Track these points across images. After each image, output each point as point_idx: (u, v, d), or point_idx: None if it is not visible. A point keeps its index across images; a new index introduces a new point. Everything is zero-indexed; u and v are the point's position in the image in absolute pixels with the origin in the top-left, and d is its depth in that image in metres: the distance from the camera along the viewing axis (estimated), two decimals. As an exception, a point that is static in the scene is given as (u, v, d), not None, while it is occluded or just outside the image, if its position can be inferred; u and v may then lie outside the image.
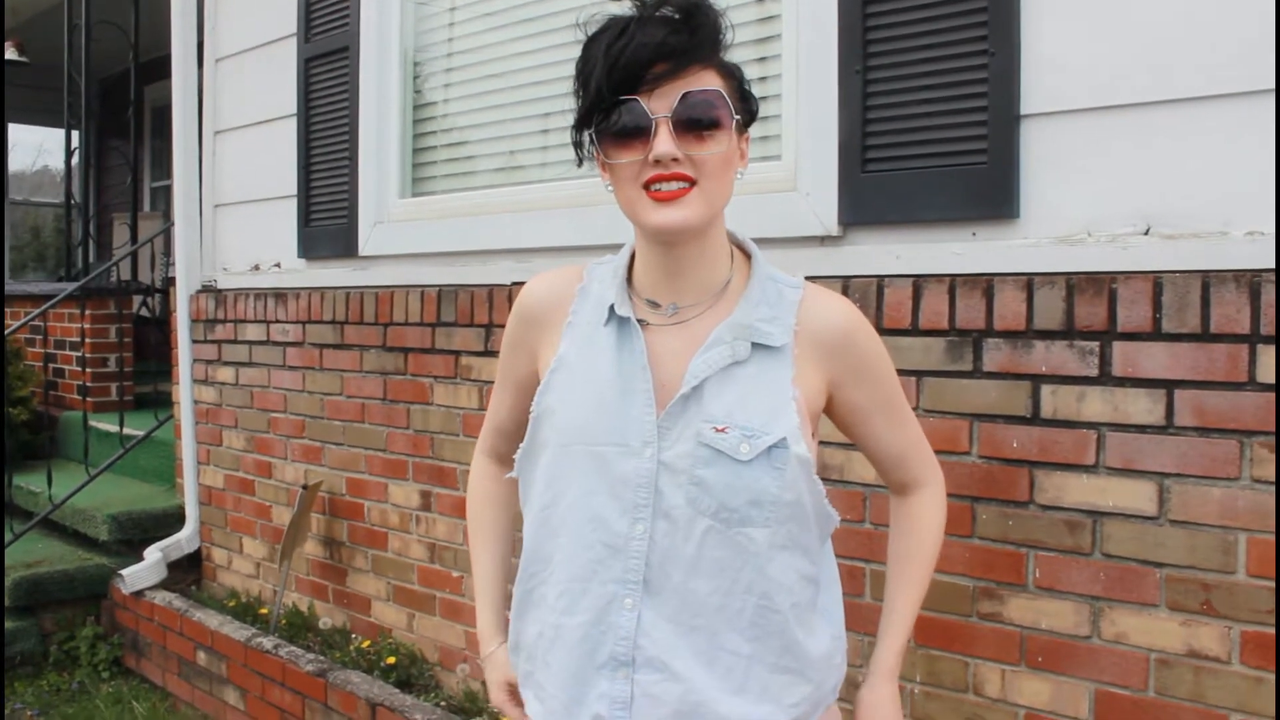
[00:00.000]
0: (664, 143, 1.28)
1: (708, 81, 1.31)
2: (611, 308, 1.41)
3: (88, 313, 5.92)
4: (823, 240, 2.58)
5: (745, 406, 1.35)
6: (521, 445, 1.49)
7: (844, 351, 1.42)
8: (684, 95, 1.28)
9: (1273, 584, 1.95)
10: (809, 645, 1.41)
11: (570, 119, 1.39)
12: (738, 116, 1.34)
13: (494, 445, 1.71)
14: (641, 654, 1.36)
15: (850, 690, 1.57)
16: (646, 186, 1.31)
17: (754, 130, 1.45)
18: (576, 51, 1.36)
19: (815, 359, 1.40)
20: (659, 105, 1.28)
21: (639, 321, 1.40)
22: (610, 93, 1.28)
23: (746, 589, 1.36)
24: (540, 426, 1.44)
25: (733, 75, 1.36)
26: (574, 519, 1.40)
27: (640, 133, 1.29)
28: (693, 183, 1.30)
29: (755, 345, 1.37)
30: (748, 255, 1.46)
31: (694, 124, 1.29)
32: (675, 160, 1.29)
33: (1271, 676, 1.96)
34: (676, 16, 1.29)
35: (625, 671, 1.37)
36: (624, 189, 1.34)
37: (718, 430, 1.33)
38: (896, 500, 1.59)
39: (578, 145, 1.39)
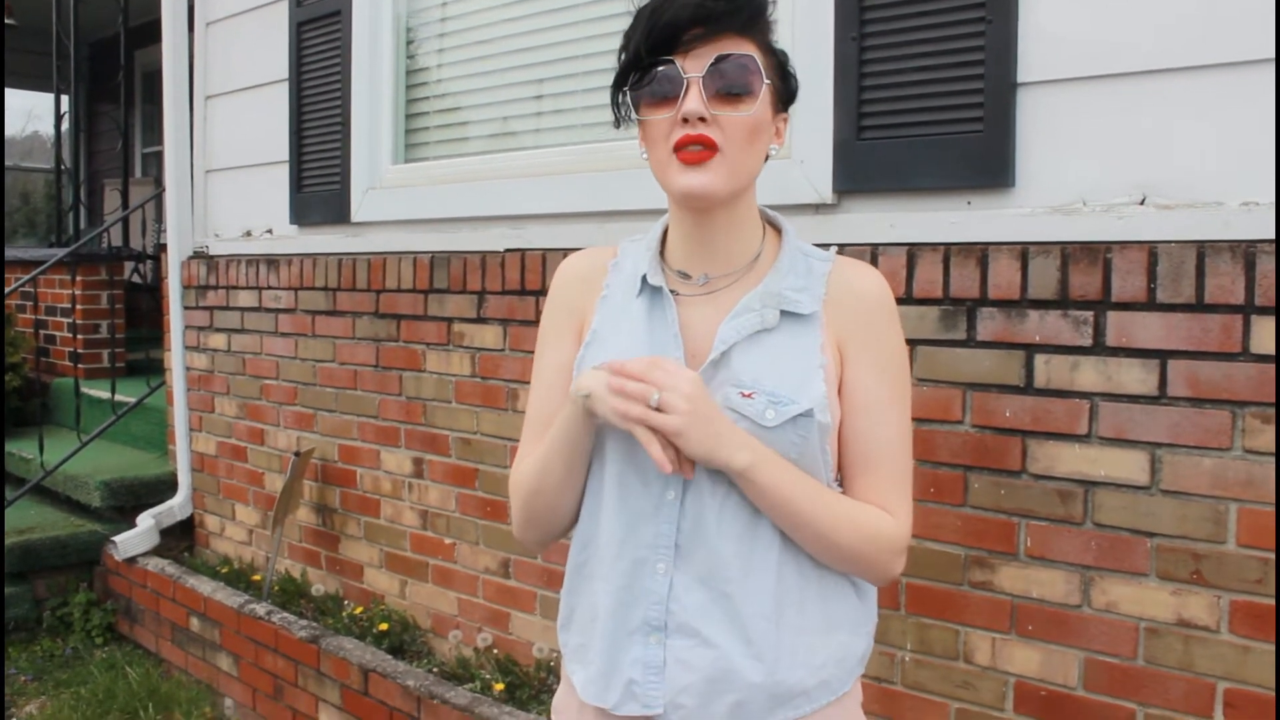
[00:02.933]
0: (692, 100, 1.30)
1: (742, 49, 1.33)
2: (644, 278, 1.43)
3: (79, 279, 5.89)
4: (817, 208, 2.56)
5: (773, 373, 1.35)
6: None
7: (857, 312, 1.40)
8: (717, 58, 1.31)
9: (1262, 554, 1.96)
10: (836, 609, 1.42)
11: (567, 87, 1.39)
12: (768, 81, 1.35)
13: None
14: (674, 619, 1.37)
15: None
16: (676, 149, 1.32)
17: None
18: (573, 15, 1.37)
19: (836, 324, 1.40)
20: (692, 66, 1.31)
21: (671, 292, 1.42)
22: (647, 53, 1.32)
23: (766, 549, 1.36)
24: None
25: (774, 53, 1.38)
26: (611, 487, 1.41)
27: (672, 92, 1.31)
28: (716, 149, 1.32)
29: (784, 314, 1.38)
30: (779, 231, 1.47)
31: (725, 87, 1.31)
32: (702, 120, 1.30)
33: (1260, 645, 1.97)
34: None
35: (658, 637, 1.38)
36: (655, 151, 1.36)
37: (744, 395, 1.34)
38: None
39: (616, 105, 1.41)
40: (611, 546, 1.41)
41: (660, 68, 1.31)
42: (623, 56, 1.37)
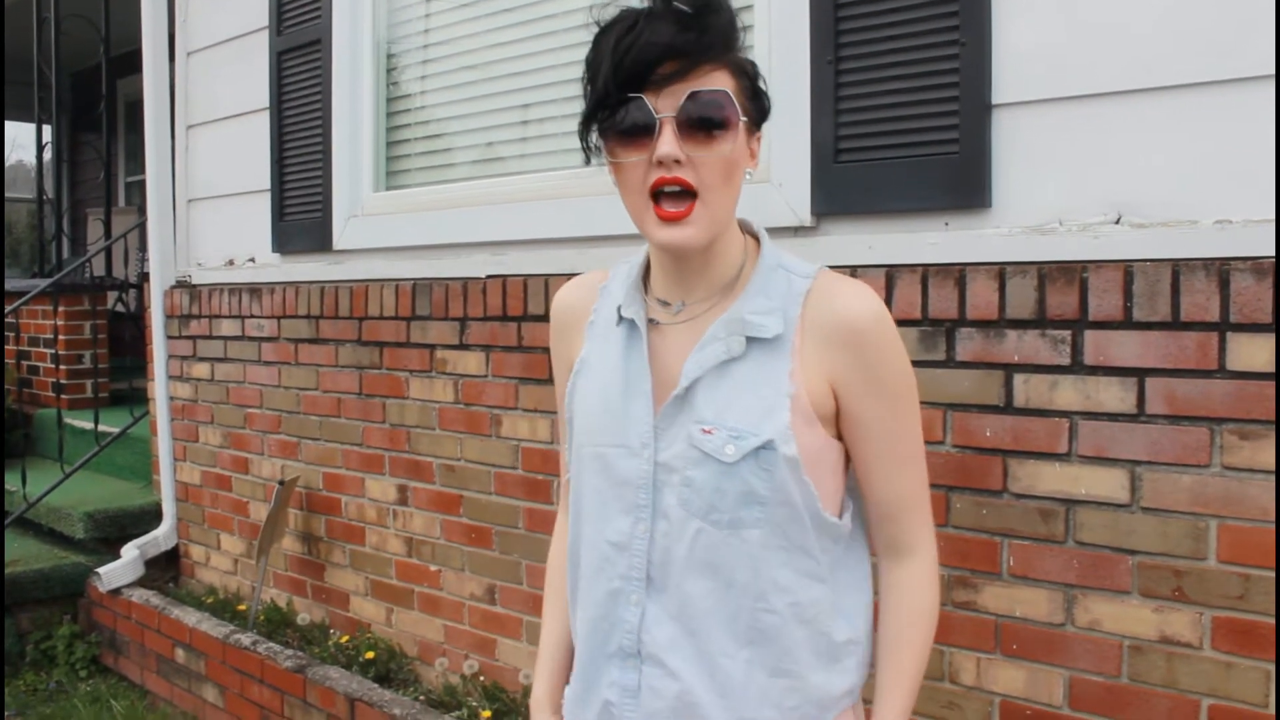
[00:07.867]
0: (667, 143, 1.24)
1: (717, 81, 1.26)
2: (620, 308, 1.41)
3: (61, 309, 5.87)
4: (796, 231, 2.58)
5: (735, 406, 1.31)
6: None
7: (849, 346, 1.32)
8: (690, 95, 1.24)
9: (1243, 570, 1.97)
10: (814, 647, 1.38)
11: (548, 112, 1.37)
12: (744, 119, 1.30)
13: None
14: (645, 648, 1.37)
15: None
16: (654, 196, 1.28)
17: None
18: (555, 41, 1.34)
19: (818, 353, 1.32)
20: (664, 104, 1.24)
21: (650, 321, 1.40)
22: (616, 90, 1.24)
23: (741, 591, 1.33)
24: (572, 430, 1.46)
25: (745, 73, 1.32)
26: (588, 519, 1.42)
27: (645, 132, 1.25)
28: (695, 194, 1.27)
29: (751, 340, 1.32)
30: (759, 241, 1.42)
31: (700, 124, 1.25)
32: (678, 162, 1.25)
33: (1243, 661, 1.97)
34: (688, 12, 1.24)
35: (634, 662, 1.38)
36: (630, 195, 1.31)
37: (705, 431, 1.31)
38: (885, 566, 1.44)
39: (584, 141, 1.35)
40: (589, 577, 1.42)
41: (630, 105, 1.25)
42: (588, 89, 1.31)
